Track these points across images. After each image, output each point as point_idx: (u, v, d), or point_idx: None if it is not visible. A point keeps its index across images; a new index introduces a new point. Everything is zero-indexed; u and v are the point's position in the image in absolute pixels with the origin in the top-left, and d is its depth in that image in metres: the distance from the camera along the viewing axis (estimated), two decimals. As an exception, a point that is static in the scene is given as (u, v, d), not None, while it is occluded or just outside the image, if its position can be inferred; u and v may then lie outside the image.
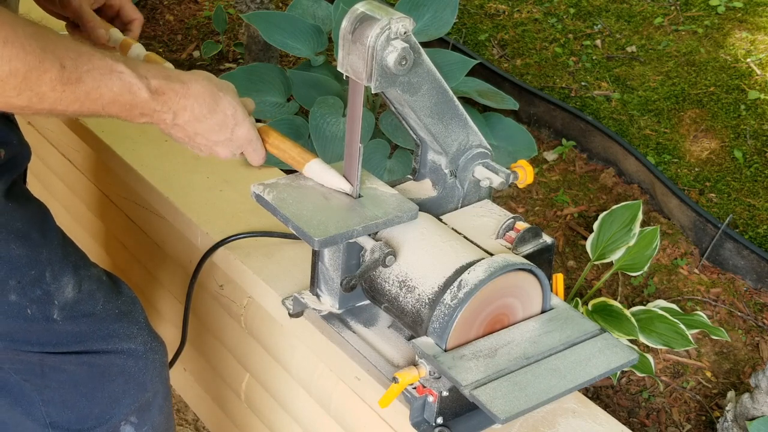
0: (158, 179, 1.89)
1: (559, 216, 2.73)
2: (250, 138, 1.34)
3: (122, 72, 1.15)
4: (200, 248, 1.76)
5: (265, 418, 1.87)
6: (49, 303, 1.32)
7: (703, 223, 2.56)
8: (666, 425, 2.16)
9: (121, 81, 1.15)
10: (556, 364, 1.23)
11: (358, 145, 1.31)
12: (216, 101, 1.27)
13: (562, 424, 1.36)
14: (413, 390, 1.29)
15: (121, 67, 1.15)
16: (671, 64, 3.23)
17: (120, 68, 1.15)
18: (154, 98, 1.20)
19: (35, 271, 1.30)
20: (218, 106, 1.28)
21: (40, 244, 1.32)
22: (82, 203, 2.38)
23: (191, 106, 1.25)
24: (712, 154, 2.86)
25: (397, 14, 1.21)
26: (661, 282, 2.49)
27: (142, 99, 1.18)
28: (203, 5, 3.67)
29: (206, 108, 1.26)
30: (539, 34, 3.50)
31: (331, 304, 1.45)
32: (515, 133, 2.48)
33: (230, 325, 1.87)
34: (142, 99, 1.18)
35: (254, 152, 1.36)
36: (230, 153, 1.34)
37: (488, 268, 1.23)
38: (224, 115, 1.29)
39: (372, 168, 2.23)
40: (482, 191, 1.49)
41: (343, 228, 1.27)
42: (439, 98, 1.34)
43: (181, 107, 1.24)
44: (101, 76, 1.13)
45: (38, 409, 1.40)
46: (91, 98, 1.13)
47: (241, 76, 2.36)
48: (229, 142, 1.32)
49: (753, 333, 2.37)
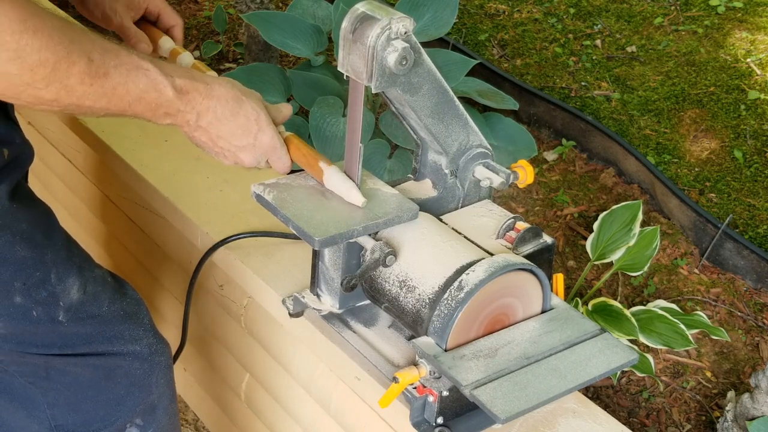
0: (158, 179, 1.89)
1: (559, 216, 2.73)
2: (275, 145, 1.33)
3: (148, 69, 1.15)
4: (200, 248, 1.76)
5: (265, 418, 1.87)
6: (54, 305, 1.32)
7: (703, 223, 2.56)
8: (666, 425, 2.16)
9: (148, 78, 1.15)
10: (556, 364, 1.23)
11: (358, 145, 1.31)
12: (239, 105, 1.27)
13: (562, 424, 1.36)
14: (413, 390, 1.29)
15: (147, 65, 1.15)
16: (671, 64, 3.23)
17: (146, 65, 1.15)
18: (179, 97, 1.20)
19: (40, 273, 1.30)
20: (241, 110, 1.28)
21: (45, 245, 1.32)
22: (82, 203, 2.38)
23: (214, 108, 1.25)
24: (712, 154, 2.86)
25: (397, 14, 1.21)
26: (661, 282, 2.49)
27: (167, 97, 1.19)
28: (203, 5, 3.67)
29: (229, 110, 1.26)
30: (539, 34, 3.50)
31: (331, 304, 1.45)
32: (515, 133, 2.48)
33: (230, 325, 1.87)
34: (167, 97, 1.19)
35: (279, 160, 1.35)
36: (255, 160, 1.33)
37: (488, 268, 1.23)
38: (247, 119, 1.29)
39: (372, 168, 2.23)
40: (482, 191, 1.49)
41: (343, 228, 1.27)
42: (440, 98, 1.34)
43: (205, 108, 1.24)
44: (128, 72, 1.13)
45: (43, 412, 1.40)
46: (118, 94, 1.13)
47: (241, 76, 2.36)
48: (253, 148, 1.31)
49: (753, 333, 2.37)
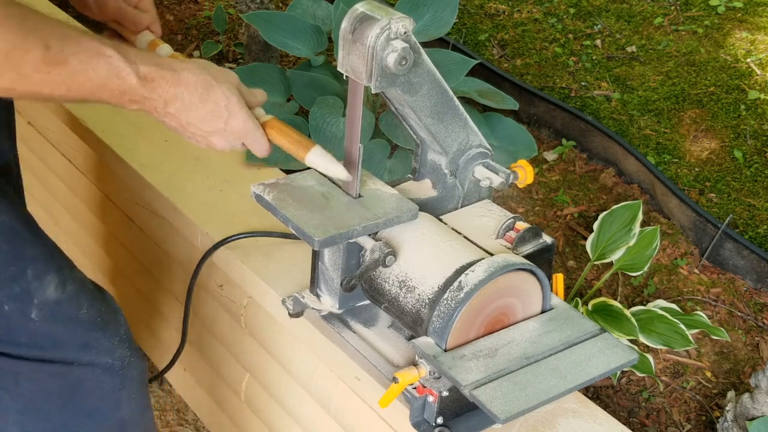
0: (158, 179, 1.89)
1: (559, 216, 2.73)
2: (248, 129, 1.30)
3: (111, 56, 1.13)
4: (200, 248, 1.76)
5: (265, 418, 1.87)
6: (27, 301, 1.30)
7: (703, 223, 2.56)
8: (666, 425, 2.16)
9: (110, 65, 1.13)
10: (556, 364, 1.23)
11: (358, 145, 1.31)
12: (209, 91, 1.24)
13: (562, 424, 1.36)
14: (413, 390, 1.29)
15: (110, 51, 1.13)
16: (671, 64, 3.23)
17: (108, 52, 1.13)
18: (143, 84, 1.17)
19: (16, 268, 1.28)
20: (210, 96, 1.24)
21: (25, 240, 1.30)
22: (82, 203, 2.38)
23: (182, 95, 1.22)
24: (712, 154, 2.86)
25: (397, 14, 1.21)
26: (661, 282, 2.49)
27: (130, 85, 1.16)
28: (203, 5, 3.67)
29: (198, 97, 1.23)
30: (539, 34, 3.50)
31: (331, 304, 1.45)
32: (515, 133, 2.48)
33: (230, 325, 1.87)
34: (131, 85, 1.16)
35: (254, 143, 1.32)
36: (227, 144, 1.31)
37: (488, 268, 1.23)
38: (216, 105, 1.25)
39: (372, 168, 2.23)
40: (482, 191, 1.49)
41: (343, 228, 1.27)
42: (439, 98, 1.34)
43: (172, 96, 1.21)
44: (88, 59, 1.10)
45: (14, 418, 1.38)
46: (78, 81, 1.11)
47: (241, 76, 2.34)
48: (224, 133, 1.29)
49: (753, 333, 2.37)
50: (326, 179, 1.38)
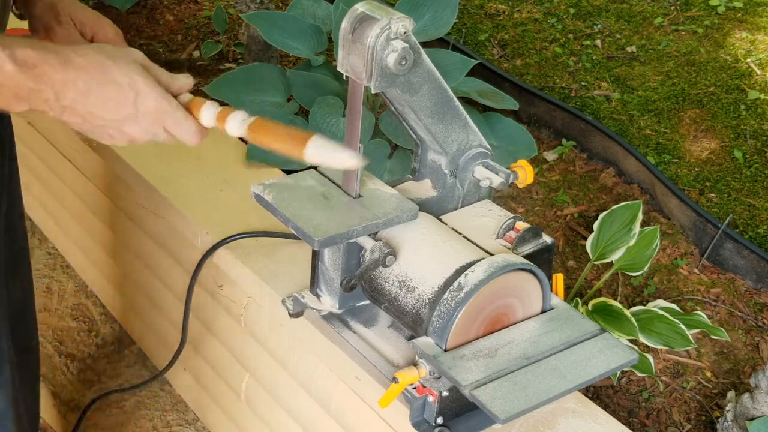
0: (158, 179, 1.89)
1: (559, 216, 2.73)
2: (164, 110, 1.12)
3: None
4: (200, 248, 1.76)
5: (265, 418, 1.87)
6: None
7: (703, 223, 2.56)
8: (666, 425, 2.16)
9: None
10: (556, 364, 1.23)
11: (358, 145, 1.31)
12: (104, 71, 1.08)
13: (562, 424, 1.36)
14: (413, 390, 1.29)
15: None
16: (671, 64, 3.23)
17: None
18: (23, 71, 1.02)
19: None
20: (107, 76, 1.08)
21: None
22: (82, 203, 2.38)
23: (74, 80, 1.06)
24: (712, 154, 2.86)
25: (397, 14, 1.21)
26: (661, 282, 2.49)
27: (7, 73, 1.01)
28: (203, 5, 3.67)
29: (95, 81, 1.08)
30: (539, 34, 3.50)
31: (331, 304, 1.45)
32: (515, 133, 2.48)
33: (230, 325, 1.87)
34: (8, 73, 1.01)
35: (178, 128, 1.14)
36: (146, 132, 1.13)
37: (488, 268, 1.23)
38: (118, 87, 1.09)
39: (372, 168, 2.23)
40: (482, 191, 1.49)
41: (343, 228, 1.27)
42: (439, 98, 1.34)
43: (61, 82, 1.05)
44: None
45: None
46: None
47: (241, 76, 2.36)
48: (136, 119, 1.11)
49: (753, 333, 2.37)
50: (326, 179, 1.38)
